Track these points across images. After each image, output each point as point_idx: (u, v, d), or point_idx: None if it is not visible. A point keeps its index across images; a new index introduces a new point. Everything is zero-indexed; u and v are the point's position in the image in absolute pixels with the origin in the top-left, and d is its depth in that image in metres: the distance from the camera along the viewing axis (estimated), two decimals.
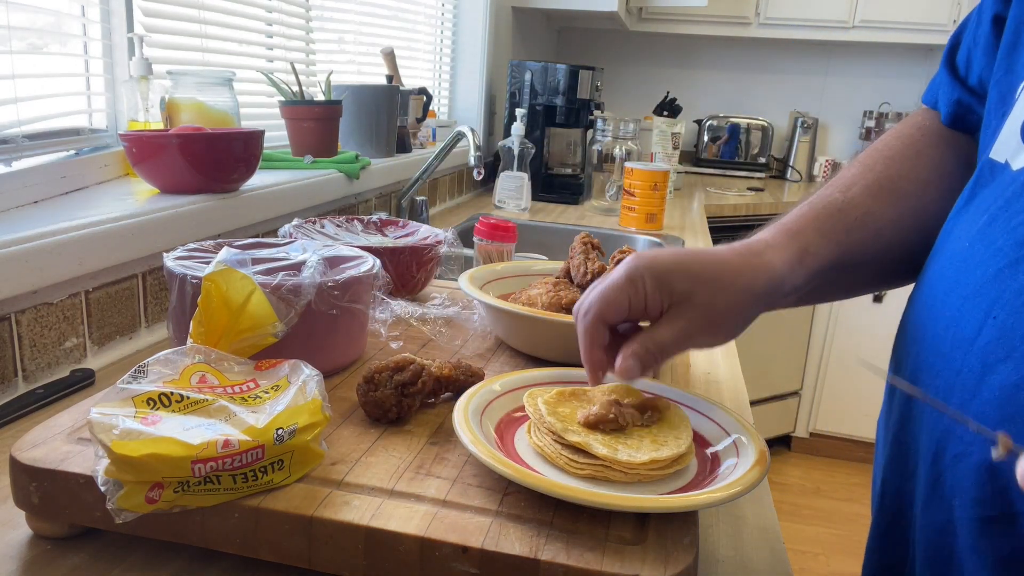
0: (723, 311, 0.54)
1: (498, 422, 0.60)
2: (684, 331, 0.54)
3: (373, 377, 0.61)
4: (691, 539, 0.47)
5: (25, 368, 0.74)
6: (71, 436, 0.54)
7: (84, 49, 1.03)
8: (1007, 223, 0.46)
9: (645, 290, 0.54)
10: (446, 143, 1.60)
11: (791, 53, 3.41)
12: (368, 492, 0.50)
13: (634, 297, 0.54)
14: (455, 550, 0.45)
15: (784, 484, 2.82)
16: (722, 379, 0.91)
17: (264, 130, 1.03)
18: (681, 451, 0.54)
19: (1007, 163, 0.48)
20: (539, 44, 3.16)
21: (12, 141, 0.88)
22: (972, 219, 0.50)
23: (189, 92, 1.07)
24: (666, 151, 2.71)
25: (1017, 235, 0.44)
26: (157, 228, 0.86)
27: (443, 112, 2.37)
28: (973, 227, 0.49)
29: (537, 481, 0.49)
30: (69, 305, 0.78)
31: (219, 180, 0.98)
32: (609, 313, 0.54)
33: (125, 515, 0.46)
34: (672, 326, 0.54)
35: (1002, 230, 0.46)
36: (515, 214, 2.05)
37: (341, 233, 1.04)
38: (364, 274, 0.72)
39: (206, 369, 0.55)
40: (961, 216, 0.53)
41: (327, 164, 1.32)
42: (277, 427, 0.50)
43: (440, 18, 2.29)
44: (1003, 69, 0.53)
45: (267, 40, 1.48)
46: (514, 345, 0.82)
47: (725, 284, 0.54)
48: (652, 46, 3.52)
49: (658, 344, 0.54)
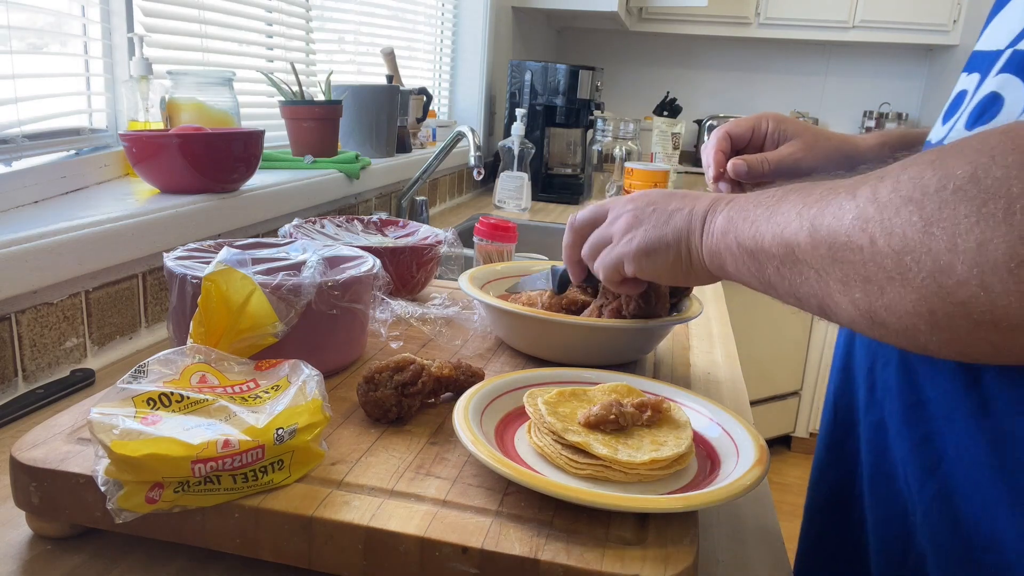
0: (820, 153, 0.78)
1: (498, 422, 0.60)
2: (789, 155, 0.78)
3: (373, 377, 0.61)
4: (691, 539, 0.47)
5: (25, 368, 0.74)
6: (71, 436, 0.54)
7: (84, 49, 1.03)
8: None
9: (767, 128, 0.80)
10: (446, 143, 1.60)
11: (791, 53, 3.41)
12: (368, 492, 0.50)
13: (756, 127, 0.81)
14: (455, 550, 0.45)
15: (784, 484, 2.82)
16: (722, 379, 0.91)
17: (264, 130, 1.03)
18: (681, 451, 0.54)
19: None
20: (539, 44, 3.17)
21: (12, 141, 0.88)
22: None
23: (189, 92, 1.07)
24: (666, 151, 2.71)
25: None
26: (157, 228, 0.86)
27: (443, 112, 2.37)
28: None
29: (537, 481, 0.49)
30: (69, 305, 0.78)
31: (219, 180, 0.98)
32: (736, 131, 0.80)
33: (125, 515, 0.46)
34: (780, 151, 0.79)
35: None
36: (515, 214, 2.05)
37: (341, 233, 1.04)
38: (364, 274, 0.72)
39: (206, 369, 0.55)
40: None
41: (327, 164, 1.32)
42: (277, 427, 0.50)
43: (440, 18, 2.29)
44: None
45: (267, 40, 1.48)
46: (514, 345, 0.82)
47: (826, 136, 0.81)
48: (652, 46, 3.52)
49: (765, 157, 0.78)
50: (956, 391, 0.49)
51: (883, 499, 0.57)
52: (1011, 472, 0.46)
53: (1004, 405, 0.46)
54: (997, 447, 0.47)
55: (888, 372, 0.57)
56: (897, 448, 0.55)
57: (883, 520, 0.58)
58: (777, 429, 3.02)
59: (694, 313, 0.81)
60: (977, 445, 0.48)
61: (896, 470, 0.55)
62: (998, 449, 0.47)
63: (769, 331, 2.80)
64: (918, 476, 0.53)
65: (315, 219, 1.04)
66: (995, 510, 0.47)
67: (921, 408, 0.53)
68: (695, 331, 1.11)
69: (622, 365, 0.79)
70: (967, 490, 0.49)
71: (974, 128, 0.50)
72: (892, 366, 0.56)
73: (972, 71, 0.56)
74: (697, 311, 0.82)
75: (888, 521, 0.57)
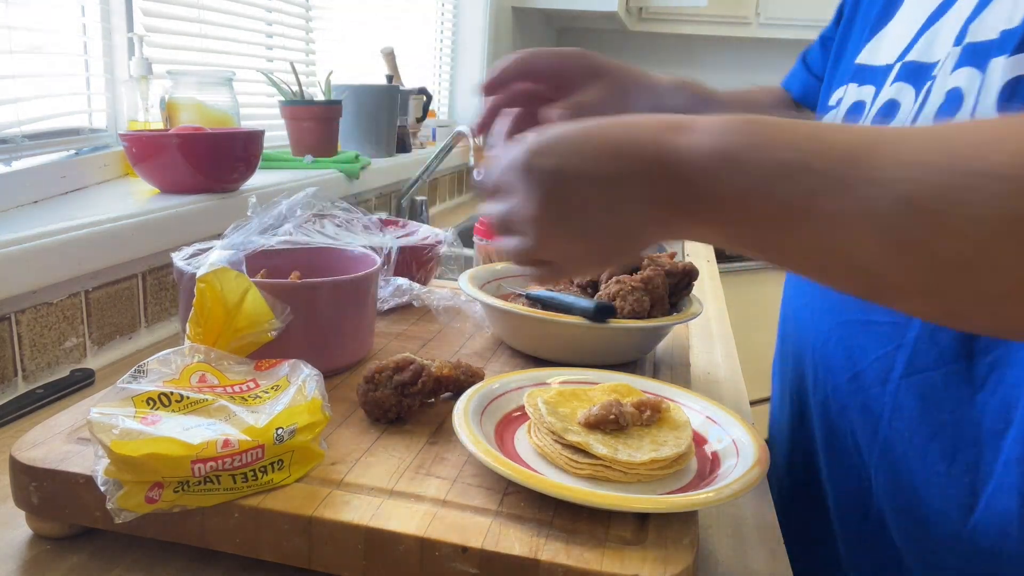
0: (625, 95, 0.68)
1: (498, 422, 0.60)
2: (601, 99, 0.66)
3: (373, 377, 0.61)
4: (691, 539, 0.47)
5: (25, 368, 0.74)
6: (71, 436, 0.54)
7: (84, 49, 1.03)
8: None
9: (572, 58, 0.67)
10: (446, 143, 1.60)
11: (791, 53, 3.40)
12: (368, 492, 0.50)
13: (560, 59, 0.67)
14: (455, 550, 0.45)
15: None
16: (722, 379, 0.91)
17: (264, 130, 1.03)
18: (681, 451, 0.54)
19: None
20: (539, 44, 3.16)
21: (12, 141, 0.88)
22: None
23: (189, 92, 1.07)
24: None
25: None
26: (157, 228, 0.86)
27: (443, 112, 2.37)
28: None
29: (537, 481, 0.49)
30: (69, 305, 0.78)
31: (219, 180, 0.98)
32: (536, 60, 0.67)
33: (125, 515, 0.46)
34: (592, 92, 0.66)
35: None
36: None
37: (341, 233, 1.04)
38: (370, 273, 0.72)
39: (206, 369, 0.55)
40: None
41: (327, 164, 1.32)
42: (277, 427, 0.50)
43: (440, 18, 2.29)
44: (831, 70, 0.77)
45: (267, 40, 1.48)
46: (514, 345, 0.82)
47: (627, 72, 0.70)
48: (652, 46, 3.52)
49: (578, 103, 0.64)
50: (887, 355, 0.56)
51: (839, 470, 0.64)
52: (941, 425, 0.51)
53: (931, 360, 0.52)
54: (926, 403, 0.52)
55: (827, 350, 0.64)
56: (842, 421, 0.62)
57: (843, 492, 0.64)
58: None
59: (694, 313, 0.81)
60: (910, 403, 0.53)
61: (846, 441, 0.62)
62: (928, 405, 0.52)
63: (769, 331, 2.80)
64: (865, 442, 0.59)
65: (315, 218, 1.04)
66: (930, 463, 0.52)
67: (858, 379, 0.59)
68: (695, 331, 1.11)
69: (622, 365, 0.79)
70: (904, 448, 0.55)
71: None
72: (831, 344, 0.63)
73: (864, 83, 0.65)
74: (697, 311, 0.82)
75: (847, 492, 0.63)
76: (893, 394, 0.56)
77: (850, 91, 0.67)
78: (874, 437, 0.58)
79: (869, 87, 0.64)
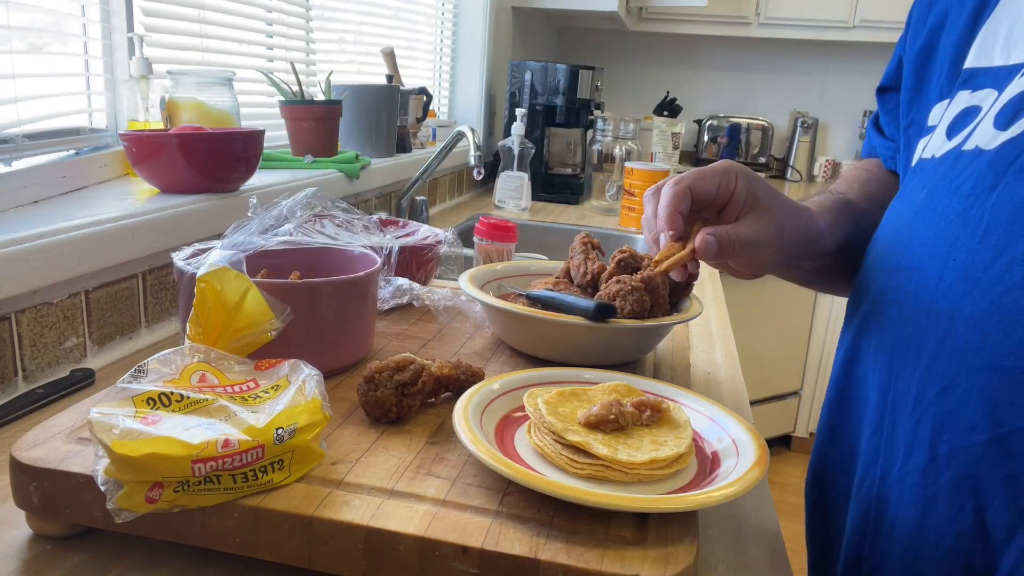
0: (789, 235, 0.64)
1: (498, 422, 0.60)
2: (759, 235, 0.62)
3: (373, 377, 0.61)
4: (691, 539, 0.47)
5: (25, 368, 0.74)
6: (71, 436, 0.54)
7: (84, 49, 1.03)
8: (948, 186, 0.53)
9: (735, 185, 0.63)
10: (446, 143, 1.60)
11: (791, 53, 3.41)
12: (368, 492, 0.50)
13: (723, 186, 0.63)
14: (455, 550, 0.45)
15: (784, 484, 2.82)
16: (722, 379, 0.91)
17: (264, 130, 1.03)
18: (681, 451, 0.54)
19: (932, 156, 0.58)
20: (539, 44, 3.17)
21: (12, 141, 0.88)
22: (908, 197, 0.59)
23: (189, 92, 1.07)
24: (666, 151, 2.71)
25: (962, 192, 0.51)
26: (157, 228, 0.86)
27: (443, 112, 2.37)
28: (914, 201, 0.57)
29: (537, 481, 0.49)
30: (69, 305, 0.78)
31: (219, 180, 0.98)
32: (700, 187, 0.62)
33: (125, 515, 0.46)
34: (750, 227, 0.62)
35: (945, 193, 0.53)
36: (515, 214, 2.05)
37: (341, 233, 1.04)
38: (370, 273, 0.72)
39: (206, 368, 0.55)
40: (894, 204, 0.62)
41: (327, 164, 1.32)
42: (277, 427, 0.50)
43: (440, 18, 2.29)
44: (907, 120, 0.68)
45: (267, 40, 1.48)
46: (514, 345, 0.82)
47: (797, 214, 0.65)
48: (652, 46, 3.52)
49: (738, 235, 0.61)
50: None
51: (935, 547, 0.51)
52: None
53: None
54: None
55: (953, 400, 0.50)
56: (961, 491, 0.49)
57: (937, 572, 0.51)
58: (777, 429, 3.02)
59: (694, 313, 0.81)
60: None
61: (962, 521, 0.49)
62: None
63: (769, 331, 2.80)
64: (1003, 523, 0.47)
65: (315, 217, 1.04)
66: None
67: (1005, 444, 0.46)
68: (695, 331, 1.11)
69: (622, 365, 0.79)
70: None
71: (1008, 127, 0.50)
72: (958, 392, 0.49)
73: (979, 88, 0.56)
74: (697, 311, 0.82)
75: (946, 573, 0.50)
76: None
77: (958, 100, 0.58)
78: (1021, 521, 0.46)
79: (988, 91, 0.55)
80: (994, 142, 0.51)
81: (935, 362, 0.51)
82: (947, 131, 0.57)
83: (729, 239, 0.61)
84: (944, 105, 0.60)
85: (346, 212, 0.93)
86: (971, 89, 0.57)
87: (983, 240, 0.49)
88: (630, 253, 0.81)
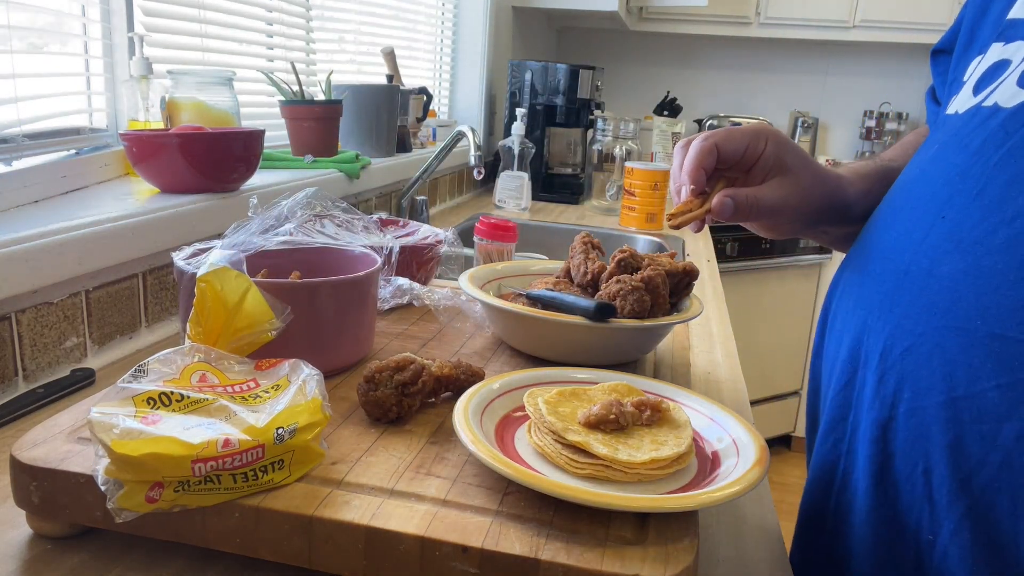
0: (813, 203, 0.64)
1: (498, 422, 0.60)
2: (780, 201, 0.63)
3: (373, 377, 0.61)
4: (691, 539, 0.47)
5: (25, 368, 0.74)
6: (71, 436, 0.54)
7: (84, 48, 1.03)
8: (959, 143, 0.52)
9: (763, 148, 0.63)
10: (446, 143, 1.60)
11: (791, 53, 3.41)
12: (368, 492, 0.50)
13: (751, 148, 0.63)
14: (455, 550, 0.45)
15: (784, 484, 2.82)
16: (722, 379, 0.91)
17: (264, 130, 1.03)
18: (681, 451, 0.54)
19: (955, 112, 0.56)
20: (539, 44, 3.16)
21: (12, 141, 0.88)
22: (922, 154, 0.58)
23: (189, 92, 1.07)
24: (666, 151, 2.71)
25: (970, 149, 0.50)
26: (157, 228, 0.86)
27: (443, 112, 2.37)
28: (924, 157, 0.57)
29: (537, 481, 0.49)
30: (69, 305, 0.78)
31: (219, 180, 0.98)
32: (727, 146, 0.63)
33: (125, 515, 0.46)
34: (773, 192, 0.62)
35: (954, 149, 0.52)
36: (515, 214, 2.05)
37: (341, 233, 1.04)
38: (370, 273, 0.72)
39: (206, 368, 0.55)
40: (911, 161, 0.61)
41: (327, 164, 1.32)
42: (277, 426, 0.50)
43: (440, 18, 2.29)
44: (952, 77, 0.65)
45: (267, 40, 1.48)
46: (514, 345, 0.82)
47: (824, 181, 0.65)
48: (652, 46, 3.52)
49: (757, 198, 0.62)
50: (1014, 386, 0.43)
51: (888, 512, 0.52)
52: None
53: None
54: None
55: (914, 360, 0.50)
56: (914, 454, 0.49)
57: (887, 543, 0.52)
58: (777, 429, 3.02)
59: (694, 313, 0.81)
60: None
61: (913, 482, 0.49)
62: None
63: (769, 331, 2.80)
64: (947, 490, 0.46)
65: (315, 218, 1.04)
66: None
67: (956, 407, 0.46)
68: (695, 331, 1.11)
69: (622, 365, 0.79)
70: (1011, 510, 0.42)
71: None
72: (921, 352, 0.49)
73: (1012, 40, 0.53)
74: (697, 311, 0.82)
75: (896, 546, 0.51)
76: (1016, 439, 0.43)
77: (991, 52, 0.55)
78: (964, 487, 0.46)
79: (1019, 43, 0.52)
80: (1013, 100, 0.49)
81: (905, 319, 0.50)
82: (975, 86, 0.55)
83: (748, 202, 0.62)
84: (978, 60, 0.57)
85: (346, 212, 0.93)
86: (1004, 41, 0.54)
87: (976, 199, 0.48)
88: (630, 253, 0.81)
